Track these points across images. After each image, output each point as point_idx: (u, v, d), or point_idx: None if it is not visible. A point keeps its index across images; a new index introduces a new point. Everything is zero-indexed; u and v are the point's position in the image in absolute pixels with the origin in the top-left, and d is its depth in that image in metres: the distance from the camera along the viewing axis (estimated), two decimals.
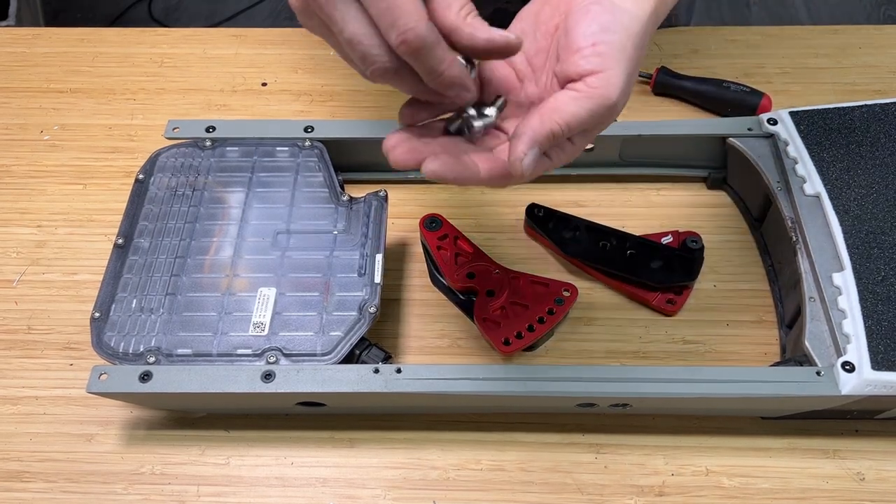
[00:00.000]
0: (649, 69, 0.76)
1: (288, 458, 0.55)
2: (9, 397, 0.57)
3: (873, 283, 0.53)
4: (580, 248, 0.62)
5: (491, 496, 0.53)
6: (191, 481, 0.54)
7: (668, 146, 0.66)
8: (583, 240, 0.62)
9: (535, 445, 0.55)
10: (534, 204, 0.64)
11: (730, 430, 0.55)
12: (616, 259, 0.61)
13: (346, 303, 0.55)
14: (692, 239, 0.61)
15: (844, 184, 0.58)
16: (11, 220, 0.67)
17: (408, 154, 0.39)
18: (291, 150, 0.63)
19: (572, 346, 0.59)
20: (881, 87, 0.76)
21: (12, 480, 0.54)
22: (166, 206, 0.60)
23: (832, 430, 0.55)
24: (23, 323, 0.61)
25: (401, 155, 0.39)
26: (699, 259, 0.60)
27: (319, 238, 0.58)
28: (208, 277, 0.56)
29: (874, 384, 0.49)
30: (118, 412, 0.56)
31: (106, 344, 0.53)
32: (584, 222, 0.63)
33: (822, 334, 0.52)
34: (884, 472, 0.53)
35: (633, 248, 0.61)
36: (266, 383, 0.50)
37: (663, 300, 0.60)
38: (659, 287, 0.60)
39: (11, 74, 0.79)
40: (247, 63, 0.80)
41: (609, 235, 0.62)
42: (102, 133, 0.74)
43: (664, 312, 0.60)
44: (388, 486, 0.53)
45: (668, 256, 0.61)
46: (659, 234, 0.63)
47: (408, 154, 0.39)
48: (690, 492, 0.53)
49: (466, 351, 0.59)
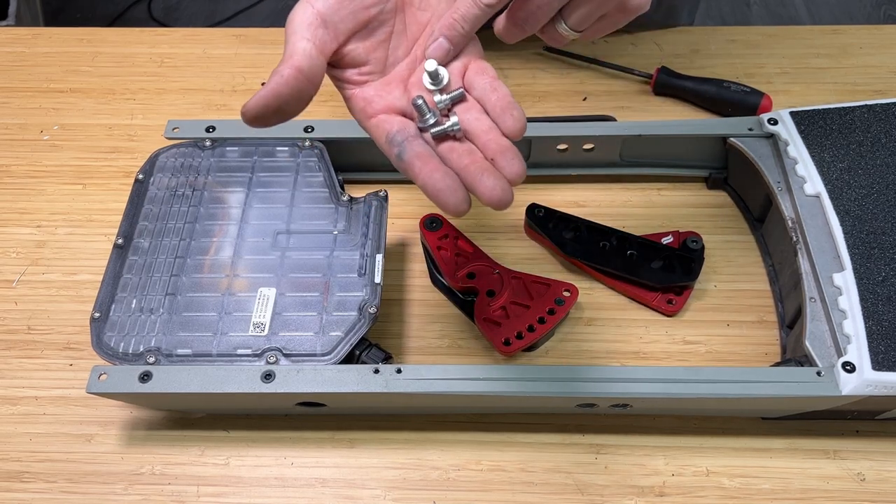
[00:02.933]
0: (649, 69, 0.76)
1: (288, 459, 0.55)
2: (8, 397, 0.57)
3: (874, 284, 0.53)
4: (580, 249, 0.62)
5: (491, 496, 0.53)
6: (191, 481, 0.53)
7: (669, 146, 0.66)
8: (583, 240, 0.62)
9: (535, 446, 0.55)
10: (534, 204, 0.64)
11: (730, 431, 0.55)
12: (616, 259, 0.61)
13: (346, 303, 0.54)
14: (692, 239, 0.61)
15: (845, 184, 0.58)
16: (11, 220, 0.67)
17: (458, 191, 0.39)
18: (291, 150, 0.63)
19: (572, 346, 0.59)
20: (881, 87, 0.76)
21: (12, 481, 0.53)
22: (166, 207, 0.60)
23: (833, 430, 0.55)
24: (22, 323, 0.61)
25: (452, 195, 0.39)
26: (699, 259, 0.60)
27: (319, 238, 0.58)
28: (208, 277, 0.56)
29: (875, 384, 0.49)
30: (118, 412, 0.56)
31: (106, 344, 0.53)
32: (585, 222, 0.63)
33: (823, 334, 0.52)
34: (884, 473, 0.53)
35: (634, 248, 0.61)
36: (266, 383, 0.50)
37: (663, 300, 0.60)
38: (659, 287, 0.60)
39: (11, 74, 0.79)
40: (247, 63, 0.80)
41: (609, 235, 0.62)
42: (102, 133, 0.74)
43: (664, 312, 0.60)
44: (388, 486, 0.53)
45: (669, 257, 0.61)
46: (659, 234, 0.63)
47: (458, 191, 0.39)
48: (691, 492, 0.53)
49: (466, 351, 0.59)
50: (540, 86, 0.77)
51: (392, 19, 0.45)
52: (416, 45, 0.45)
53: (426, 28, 0.45)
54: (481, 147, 0.41)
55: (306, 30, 0.41)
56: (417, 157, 0.40)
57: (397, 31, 0.45)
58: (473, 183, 0.39)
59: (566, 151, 0.66)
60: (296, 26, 0.42)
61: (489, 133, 0.41)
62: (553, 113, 0.74)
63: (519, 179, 0.39)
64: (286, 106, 0.41)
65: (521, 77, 0.77)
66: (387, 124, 0.42)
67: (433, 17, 0.45)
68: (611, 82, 0.77)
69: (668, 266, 0.60)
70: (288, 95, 0.40)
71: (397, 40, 0.45)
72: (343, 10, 0.42)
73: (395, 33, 0.45)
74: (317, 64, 0.41)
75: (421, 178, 0.39)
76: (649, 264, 0.61)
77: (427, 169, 0.40)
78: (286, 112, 0.41)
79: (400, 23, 0.45)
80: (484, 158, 0.40)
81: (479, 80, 0.44)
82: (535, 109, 0.75)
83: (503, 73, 0.77)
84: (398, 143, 0.41)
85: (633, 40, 0.80)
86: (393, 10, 0.44)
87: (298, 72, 0.40)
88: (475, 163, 0.40)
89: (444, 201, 0.39)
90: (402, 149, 0.41)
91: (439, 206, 0.39)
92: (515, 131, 0.41)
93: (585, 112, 0.74)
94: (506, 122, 0.41)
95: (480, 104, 0.43)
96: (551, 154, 0.66)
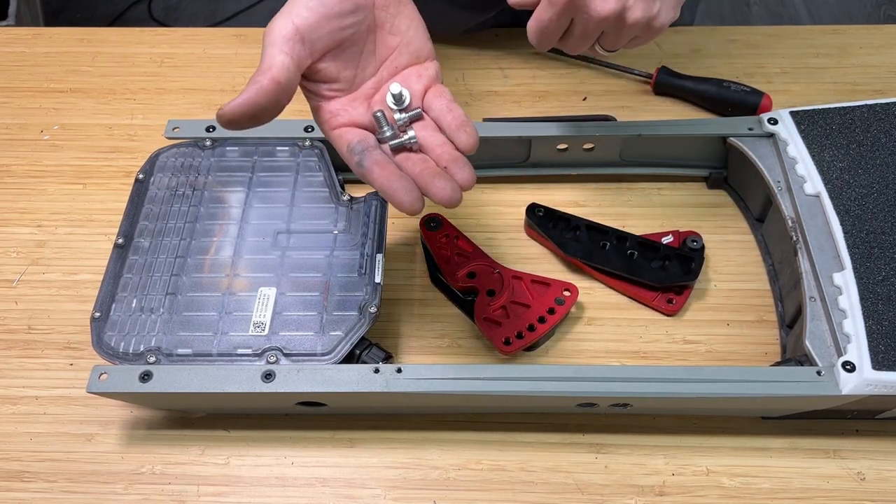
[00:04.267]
0: (649, 69, 0.76)
1: (288, 458, 0.55)
2: (9, 397, 0.57)
3: (874, 283, 0.53)
4: (580, 248, 0.62)
5: (491, 496, 0.53)
6: (191, 481, 0.53)
7: (669, 146, 0.66)
8: (583, 240, 0.62)
9: (535, 445, 0.55)
10: (534, 204, 0.64)
11: (730, 430, 0.55)
12: (616, 259, 0.61)
13: (346, 303, 0.55)
14: (693, 239, 0.61)
15: (845, 183, 0.58)
16: (11, 220, 0.67)
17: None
18: (291, 150, 0.63)
19: (572, 346, 0.59)
20: (881, 87, 0.76)
21: (12, 480, 0.54)
22: (166, 206, 0.60)
23: (832, 430, 0.55)
24: (23, 323, 0.61)
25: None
26: (699, 259, 0.60)
27: (320, 238, 0.58)
28: (208, 277, 0.56)
29: (874, 384, 0.49)
30: (118, 412, 0.56)
31: (106, 344, 0.53)
32: (585, 222, 0.63)
33: (823, 334, 0.52)
34: (884, 472, 0.53)
35: (634, 248, 0.61)
36: (266, 383, 0.50)
37: (663, 300, 0.60)
38: (659, 287, 0.60)
39: (11, 74, 0.79)
40: (247, 63, 0.80)
41: (609, 235, 0.62)
42: (102, 133, 0.74)
43: (664, 312, 0.60)
44: (388, 486, 0.53)
45: (669, 256, 0.61)
46: (659, 233, 0.63)
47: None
48: (691, 492, 0.53)
49: (466, 351, 0.59)
50: (540, 86, 0.77)
51: (364, 40, 0.47)
52: (382, 66, 0.48)
53: (394, 52, 0.48)
54: (435, 158, 0.46)
55: (285, 43, 0.44)
56: (376, 164, 0.44)
57: (367, 51, 0.48)
58: (426, 185, 0.43)
59: (566, 151, 0.66)
60: (274, 38, 0.44)
61: (443, 146, 0.46)
62: (553, 113, 0.74)
63: (469, 185, 0.44)
64: (261, 114, 0.43)
65: (521, 77, 0.77)
66: (349, 135, 0.46)
67: (402, 42, 0.48)
68: (611, 82, 0.77)
69: (668, 265, 0.60)
70: (264, 105, 0.43)
71: (366, 60, 0.48)
72: (321, 29, 0.45)
73: (364, 53, 0.48)
74: (293, 78, 0.44)
75: (379, 182, 0.44)
76: (649, 264, 0.61)
77: (385, 173, 0.44)
78: (260, 119, 0.43)
79: (370, 43, 0.48)
80: (436, 166, 0.45)
81: (436, 102, 0.48)
82: (535, 109, 0.75)
83: (503, 72, 0.78)
84: (358, 151, 0.45)
85: None
86: (366, 31, 0.47)
87: (276, 84, 0.43)
88: (428, 169, 0.44)
89: (399, 200, 0.43)
90: (362, 157, 0.45)
91: (395, 205, 0.43)
92: (469, 146, 0.45)
93: (585, 112, 0.74)
94: (460, 138, 0.46)
95: (437, 123, 0.47)
96: (551, 154, 0.66)
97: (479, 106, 0.75)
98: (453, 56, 0.79)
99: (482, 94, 0.76)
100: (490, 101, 0.76)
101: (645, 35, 0.51)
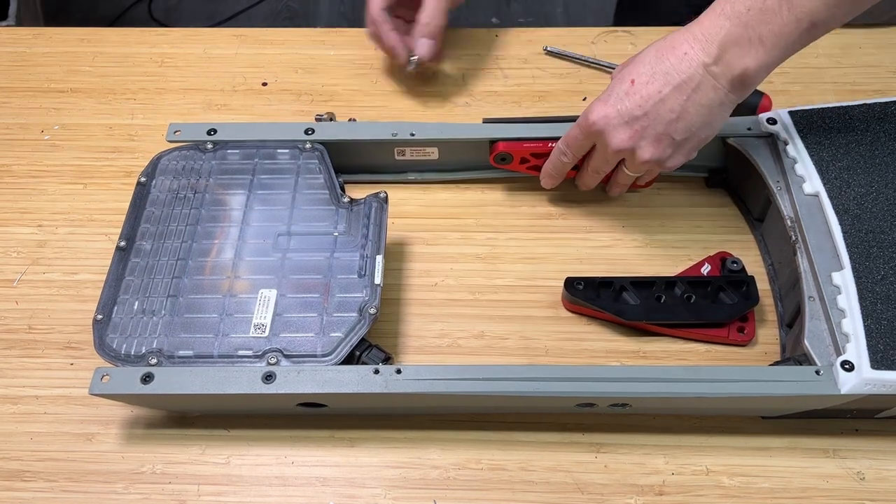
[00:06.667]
0: None
1: (288, 458, 0.55)
2: (9, 397, 0.57)
3: (872, 283, 0.53)
4: (640, 310, 0.58)
5: (491, 496, 0.53)
6: (191, 480, 0.54)
7: None
8: (636, 299, 0.59)
9: (535, 445, 0.55)
10: (571, 278, 0.59)
11: (730, 430, 0.55)
12: (679, 309, 0.58)
13: (346, 304, 0.55)
14: (731, 260, 0.59)
15: (844, 183, 0.58)
16: (12, 220, 0.67)
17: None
18: (292, 153, 0.63)
19: (572, 346, 0.59)
20: (881, 87, 0.76)
21: (13, 480, 0.54)
22: (168, 209, 0.60)
23: (832, 429, 0.55)
24: (23, 322, 0.61)
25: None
26: (750, 279, 0.58)
27: (320, 240, 0.58)
28: (209, 279, 0.56)
29: (873, 383, 0.49)
30: (118, 411, 0.57)
31: (108, 346, 0.53)
32: (629, 280, 0.59)
33: (822, 333, 0.52)
34: (884, 472, 0.53)
35: (686, 290, 0.58)
36: (267, 384, 0.50)
37: (735, 331, 0.58)
38: (727, 321, 0.58)
39: (11, 74, 0.79)
40: (247, 63, 0.80)
41: (657, 286, 0.59)
42: (103, 133, 0.74)
43: (740, 344, 0.58)
44: (388, 485, 0.53)
45: (721, 287, 0.58)
46: (695, 266, 0.61)
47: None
48: (690, 491, 0.53)
49: (466, 351, 0.59)
50: (540, 86, 0.77)
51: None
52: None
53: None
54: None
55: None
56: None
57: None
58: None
59: None
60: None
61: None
62: (553, 113, 0.74)
63: (426, 58, 0.72)
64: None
65: (521, 77, 0.78)
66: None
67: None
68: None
69: (725, 296, 0.58)
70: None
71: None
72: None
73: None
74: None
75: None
76: (709, 302, 0.58)
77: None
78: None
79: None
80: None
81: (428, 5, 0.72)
82: (535, 109, 0.75)
83: (503, 72, 0.78)
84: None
85: (633, 40, 0.80)
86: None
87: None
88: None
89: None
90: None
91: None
92: (420, 55, 0.72)
93: None
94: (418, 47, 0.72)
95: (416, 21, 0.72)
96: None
97: (479, 106, 0.75)
98: (453, 56, 0.79)
99: (482, 94, 0.76)
100: (490, 101, 0.76)
101: (658, 169, 0.59)
